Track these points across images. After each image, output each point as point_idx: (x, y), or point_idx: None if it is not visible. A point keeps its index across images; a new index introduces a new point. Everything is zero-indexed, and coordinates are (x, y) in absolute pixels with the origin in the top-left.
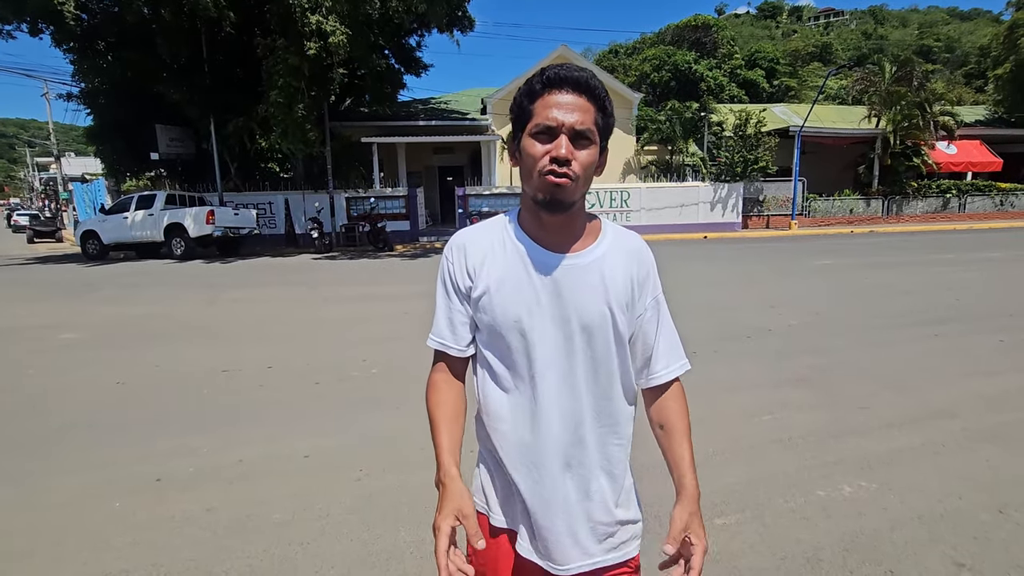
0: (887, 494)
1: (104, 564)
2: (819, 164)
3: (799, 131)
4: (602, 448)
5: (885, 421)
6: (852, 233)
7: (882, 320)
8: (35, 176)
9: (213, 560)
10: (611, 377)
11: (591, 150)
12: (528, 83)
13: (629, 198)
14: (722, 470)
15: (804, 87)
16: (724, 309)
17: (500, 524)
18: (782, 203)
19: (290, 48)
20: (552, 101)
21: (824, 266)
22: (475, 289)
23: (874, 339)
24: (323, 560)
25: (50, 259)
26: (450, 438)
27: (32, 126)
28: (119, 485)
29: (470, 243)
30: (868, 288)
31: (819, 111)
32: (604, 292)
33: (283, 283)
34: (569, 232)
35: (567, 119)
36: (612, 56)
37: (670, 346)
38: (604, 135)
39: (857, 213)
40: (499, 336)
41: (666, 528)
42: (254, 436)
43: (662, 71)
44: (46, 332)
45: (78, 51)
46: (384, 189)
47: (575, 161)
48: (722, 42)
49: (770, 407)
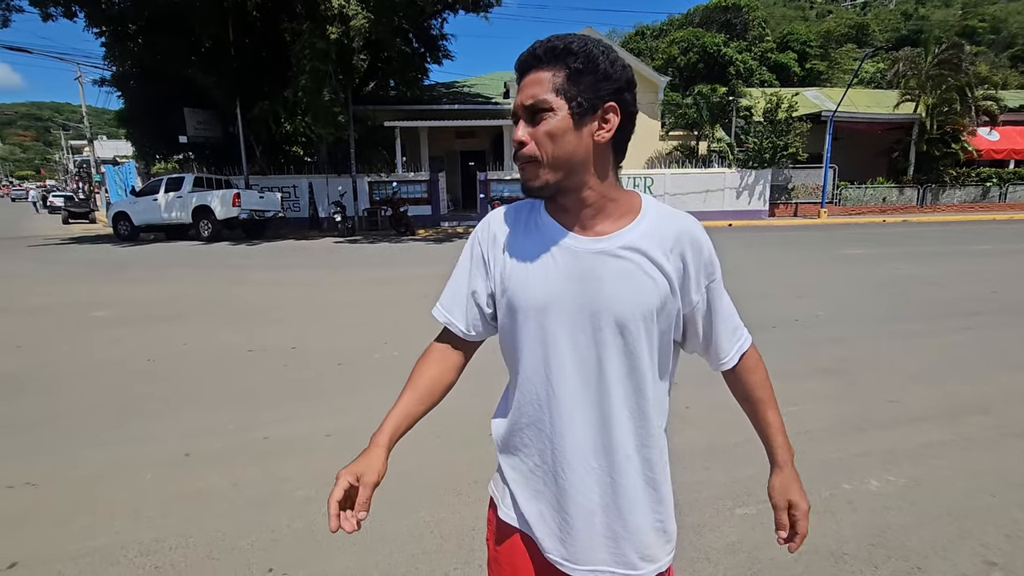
0: (915, 489)
1: (136, 533)
2: (851, 151)
3: (831, 116)
4: (634, 448)
5: (914, 415)
6: (884, 222)
7: (913, 311)
8: (69, 158)
9: (238, 533)
10: (643, 373)
11: (548, 120)
12: None
13: (652, 184)
14: (744, 460)
15: (837, 70)
16: (749, 298)
17: (513, 523)
18: (811, 191)
19: (316, 32)
20: (520, 86)
21: (854, 255)
22: (495, 268)
23: (904, 331)
24: (344, 535)
25: (84, 239)
26: (405, 412)
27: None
28: (150, 458)
29: (497, 221)
30: (899, 278)
31: (853, 95)
32: (636, 280)
33: (307, 266)
34: (591, 212)
35: (518, 100)
36: (638, 38)
37: (730, 329)
38: (580, 94)
39: (890, 202)
40: (516, 320)
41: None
42: (278, 414)
43: (690, 54)
44: (80, 310)
45: (110, 34)
46: (407, 174)
47: (530, 142)
48: (753, 24)
49: (794, 398)
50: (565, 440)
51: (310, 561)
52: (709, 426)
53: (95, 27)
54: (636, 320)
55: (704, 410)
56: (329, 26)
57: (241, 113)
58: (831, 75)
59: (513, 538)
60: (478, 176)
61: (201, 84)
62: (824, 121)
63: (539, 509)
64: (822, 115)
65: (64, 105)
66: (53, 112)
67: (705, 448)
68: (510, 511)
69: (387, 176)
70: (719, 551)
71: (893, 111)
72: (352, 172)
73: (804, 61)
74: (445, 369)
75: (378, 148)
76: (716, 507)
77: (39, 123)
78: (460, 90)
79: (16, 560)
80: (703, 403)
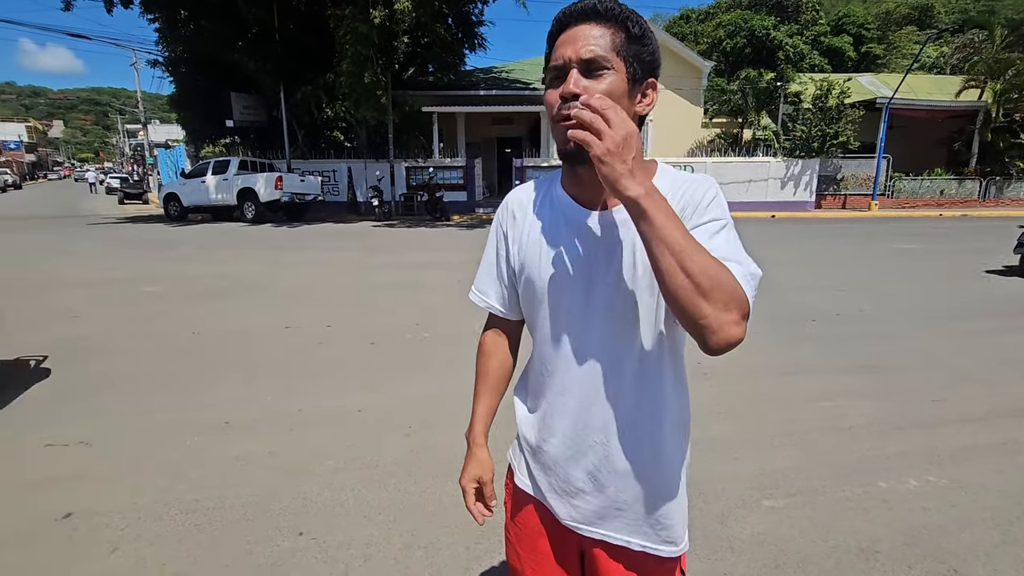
0: (957, 491)
1: (178, 493)
2: (908, 140)
3: (887, 103)
4: (644, 421)
5: (960, 415)
6: (941, 216)
7: (964, 308)
8: (125, 142)
9: (272, 497)
10: (656, 345)
11: (611, 79)
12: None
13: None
14: (773, 453)
15: (895, 54)
16: (788, 291)
17: (528, 489)
18: (862, 182)
19: (359, 16)
20: (562, 40)
21: (905, 250)
22: (514, 246)
23: (954, 328)
24: (371, 506)
25: (137, 219)
26: (485, 407)
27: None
28: (192, 425)
29: (515, 200)
30: (951, 274)
31: (912, 81)
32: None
33: (344, 248)
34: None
35: (572, 51)
36: (683, 22)
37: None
38: (635, 60)
39: (948, 195)
40: (530, 299)
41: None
42: (313, 388)
43: (736, 38)
44: (132, 285)
45: (163, 20)
46: (443, 159)
47: (587, 95)
48: (806, 6)
49: (831, 393)
50: (576, 411)
51: (337, 528)
52: (741, 417)
53: (150, 13)
54: (644, 291)
55: (737, 401)
56: (372, 9)
57: (285, 98)
58: (889, 59)
59: (528, 504)
60: (514, 163)
61: (247, 69)
62: (879, 108)
63: (552, 477)
64: (877, 102)
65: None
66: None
67: (735, 438)
68: (525, 478)
69: (424, 162)
70: (744, 541)
71: (956, 98)
72: (390, 157)
73: (859, 45)
74: (502, 356)
75: (416, 134)
76: (743, 498)
77: (98, 107)
78: (498, 76)
79: (71, 511)
80: (736, 394)
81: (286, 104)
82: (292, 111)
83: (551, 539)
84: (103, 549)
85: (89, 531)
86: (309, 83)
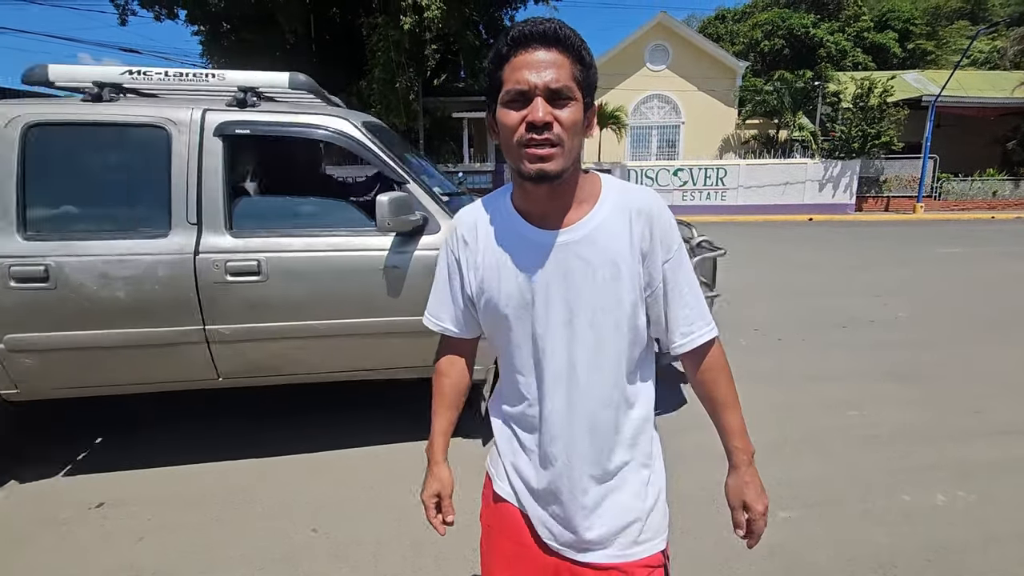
0: (986, 507)
1: (203, 486)
2: (957, 140)
3: (934, 101)
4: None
5: (996, 428)
6: (993, 219)
7: (1010, 316)
8: None
9: (290, 493)
10: (618, 362)
11: (572, 108)
12: (494, 47)
13: (726, 176)
14: (791, 462)
15: (945, 50)
16: (820, 295)
17: (509, 498)
18: (907, 183)
19: (390, 23)
20: (521, 62)
21: (950, 254)
22: (468, 271)
23: (998, 337)
24: (378, 504)
25: None
26: (444, 423)
27: None
28: (223, 416)
29: (464, 224)
30: (999, 280)
31: (962, 78)
32: (602, 268)
33: None
34: (559, 202)
35: (540, 79)
36: (718, 23)
37: (691, 312)
38: (587, 90)
39: (1002, 196)
40: (492, 321)
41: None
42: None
43: (774, 38)
44: None
45: (207, 32)
46: (473, 164)
47: (556, 123)
48: (848, 2)
49: (859, 401)
50: (548, 428)
51: (348, 525)
52: (761, 423)
53: (194, 25)
54: (604, 311)
55: (757, 406)
56: (403, 16)
57: None
58: (939, 56)
59: (507, 510)
60: None
61: None
62: (925, 107)
63: (529, 486)
64: (923, 100)
65: None
66: None
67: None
68: (505, 485)
69: (454, 166)
70: (755, 552)
71: (1011, 94)
72: None
73: (906, 41)
74: (458, 374)
75: (446, 139)
76: None
77: None
78: None
79: (104, 500)
80: (756, 399)
81: None
82: None
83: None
84: (131, 537)
85: (119, 519)
86: (343, 90)
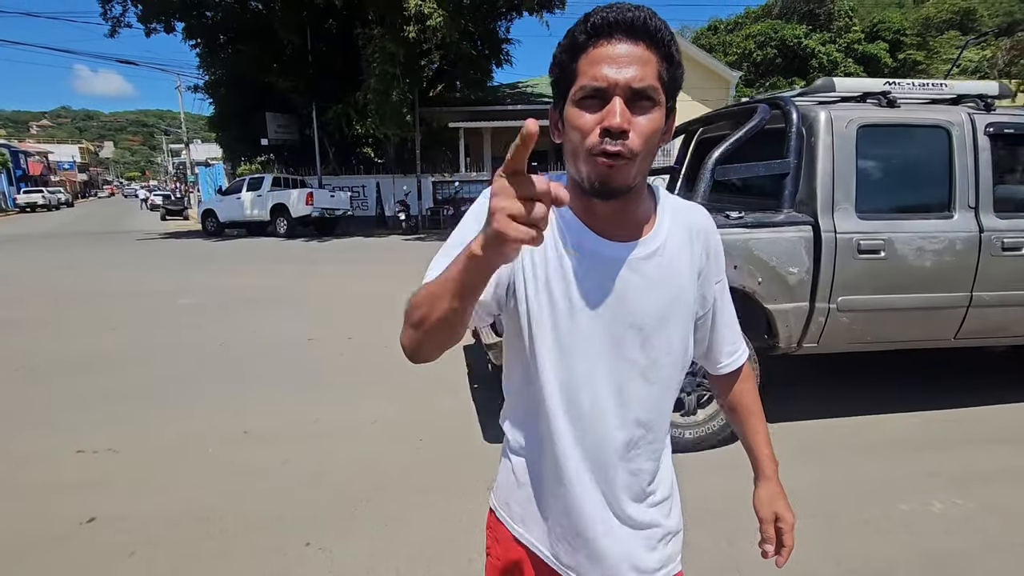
0: (986, 515)
1: (196, 499)
2: None
3: None
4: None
5: (998, 436)
6: None
7: None
8: (169, 161)
9: (283, 507)
10: (665, 385)
11: (655, 114)
12: (569, 34)
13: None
14: (789, 471)
15: (935, 60)
16: None
17: (521, 538)
18: None
19: (386, 35)
20: (601, 55)
21: None
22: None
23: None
24: (377, 517)
25: (179, 234)
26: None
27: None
28: (214, 433)
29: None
30: None
31: None
32: (667, 287)
33: (370, 261)
34: (627, 218)
35: (621, 76)
36: (711, 34)
37: (734, 332)
38: (671, 92)
39: None
40: (530, 327)
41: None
42: (330, 399)
43: (767, 48)
44: (168, 297)
45: (204, 45)
46: (469, 173)
47: (634, 132)
48: (838, 14)
49: (854, 408)
50: (571, 453)
51: (344, 539)
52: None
53: (192, 39)
54: (657, 332)
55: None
56: (406, 26)
57: (316, 116)
58: (929, 66)
59: (513, 544)
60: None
61: (281, 89)
62: None
63: (541, 517)
64: None
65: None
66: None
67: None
68: (511, 517)
69: (450, 176)
70: (751, 564)
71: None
72: (417, 172)
73: (897, 51)
74: None
75: (442, 149)
76: (754, 518)
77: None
78: (523, 90)
79: (94, 516)
80: None
81: (318, 122)
82: (323, 129)
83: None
84: (122, 553)
85: (110, 535)
86: (340, 101)
